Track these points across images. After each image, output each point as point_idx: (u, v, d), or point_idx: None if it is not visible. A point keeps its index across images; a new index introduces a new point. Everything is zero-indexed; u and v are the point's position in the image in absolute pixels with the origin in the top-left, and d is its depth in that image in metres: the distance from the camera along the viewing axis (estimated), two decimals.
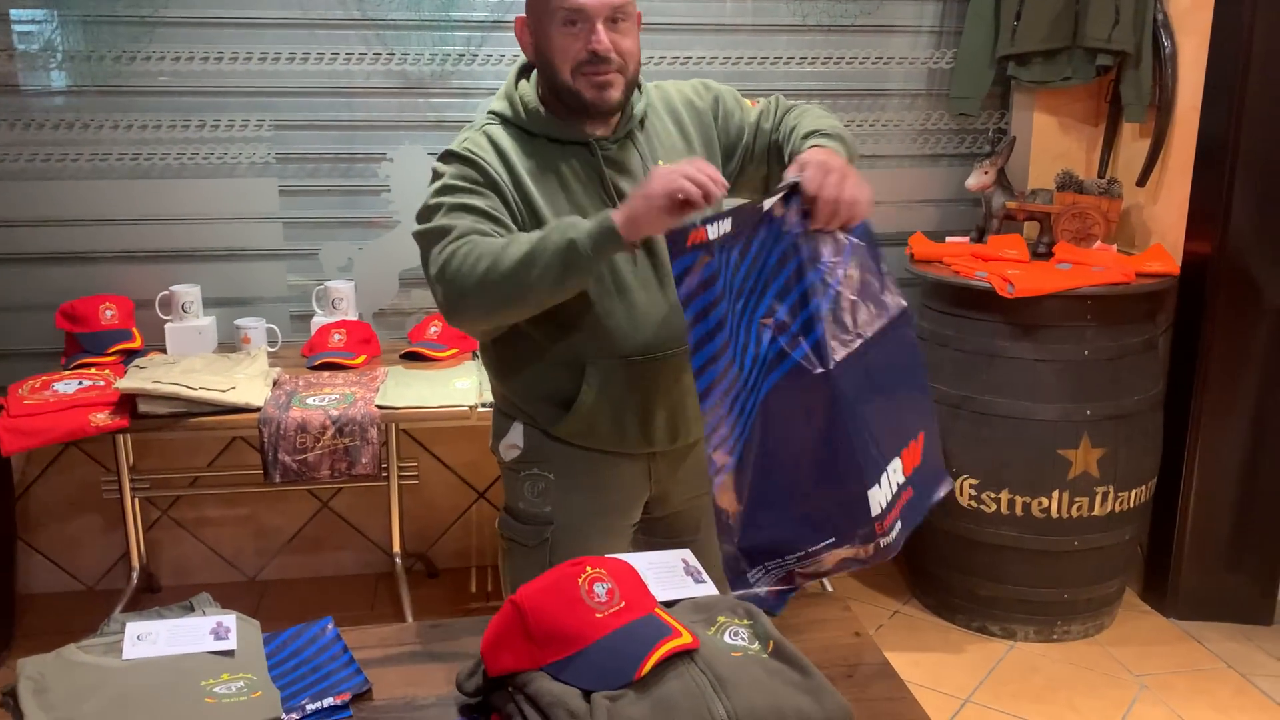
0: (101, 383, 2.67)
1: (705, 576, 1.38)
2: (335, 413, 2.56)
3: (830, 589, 3.10)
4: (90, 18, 2.89)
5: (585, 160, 1.70)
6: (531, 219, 1.65)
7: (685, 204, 1.45)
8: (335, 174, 3.11)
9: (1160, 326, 3.01)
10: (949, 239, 3.22)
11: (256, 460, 2.60)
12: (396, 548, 3.15)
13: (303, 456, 2.54)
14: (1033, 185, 3.31)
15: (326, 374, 2.84)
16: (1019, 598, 2.96)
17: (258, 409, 2.57)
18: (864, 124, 3.35)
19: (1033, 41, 3.15)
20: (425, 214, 1.65)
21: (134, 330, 2.97)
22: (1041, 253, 3.08)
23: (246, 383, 2.64)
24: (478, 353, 3.00)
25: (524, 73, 1.76)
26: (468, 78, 3.09)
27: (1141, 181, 3.16)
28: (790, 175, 1.48)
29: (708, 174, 1.47)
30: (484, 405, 2.63)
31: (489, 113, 1.75)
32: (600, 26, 1.61)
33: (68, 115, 2.95)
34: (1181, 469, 3.03)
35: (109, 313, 2.93)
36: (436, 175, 1.68)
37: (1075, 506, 2.85)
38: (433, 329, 3.05)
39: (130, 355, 2.90)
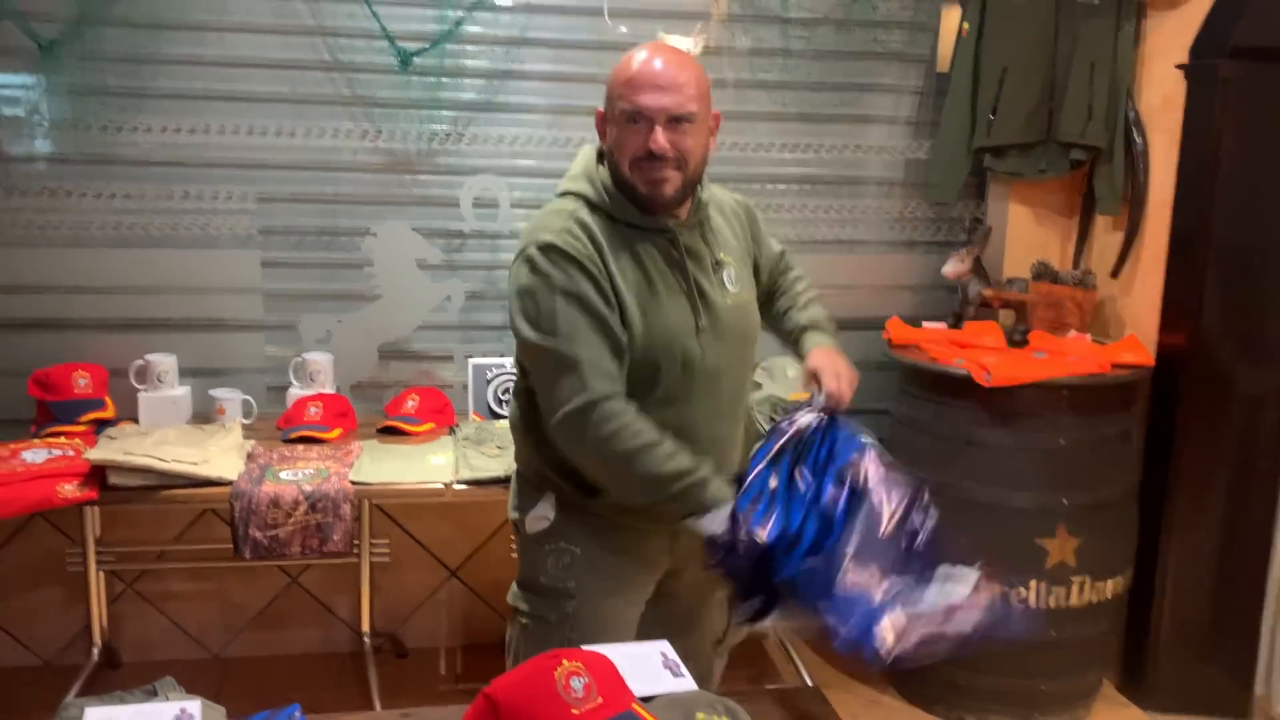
0: (71, 452, 2.63)
1: (684, 670, 1.36)
2: (309, 488, 2.53)
3: (810, 681, 3.06)
4: (77, 87, 2.90)
5: (663, 246, 1.78)
6: (617, 301, 1.72)
7: None
8: (318, 246, 3.11)
9: (1135, 417, 3.03)
10: (925, 324, 3.25)
11: (225, 533, 2.56)
12: (366, 627, 3.09)
13: (274, 532, 2.50)
14: (1008, 274, 3.36)
15: (301, 447, 2.80)
16: (996, 688, 2.92)
17: (230, 482, 2.53)
18: (842, 210, 3.40)
19: (1008, 135, 3.22)
20: (543, 319, 1.69)
21: (107, 399, 2.93)
22: (1017, 340, 3.11)
23: (219, 455, 2.61)
24: (454, 429, 2.98)
25: (600, 157, 1.83)
26: (454, 156, 3.12)
27: (1115, 273, 3.22)
28: (812, 388, 1.78)
29: None
30: (459, 483, 2.61)
31: (568, 193, 1.80)
32: (659, 127, 1.69)
33: (50, 183, 2.95)
34: (1157, 559, 3.03)
35: (82, 381, 2.90)
36: (540, 270, 1.70)
37: (1053, 596, 2.84)
38: (410, 403, 3.03)
39: (102, 425, 2.86)
